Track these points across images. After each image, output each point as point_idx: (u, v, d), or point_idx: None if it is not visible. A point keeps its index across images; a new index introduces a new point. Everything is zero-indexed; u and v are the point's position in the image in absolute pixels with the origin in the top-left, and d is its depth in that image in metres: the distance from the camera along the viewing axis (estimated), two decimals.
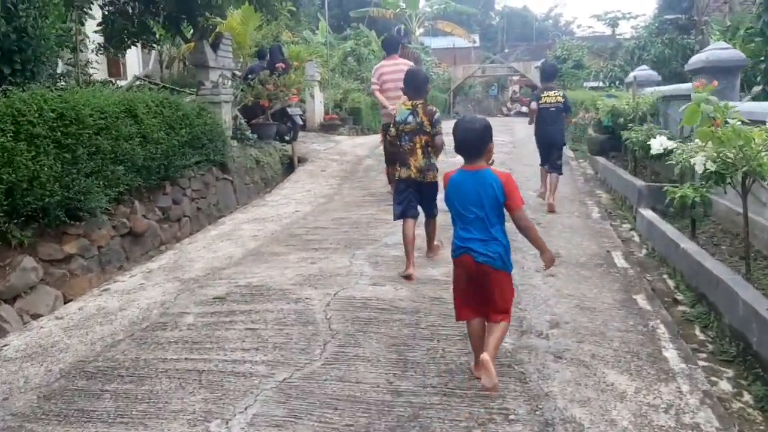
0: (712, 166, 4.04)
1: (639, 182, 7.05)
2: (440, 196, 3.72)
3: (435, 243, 5.40)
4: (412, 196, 4.99)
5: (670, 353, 3.57)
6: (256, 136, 10.11)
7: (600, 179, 9.40)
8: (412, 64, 8.04)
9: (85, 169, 5.36)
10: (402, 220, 4.96)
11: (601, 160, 9.80)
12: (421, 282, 4.68)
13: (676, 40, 19.45)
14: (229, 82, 9.70)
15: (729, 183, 4.17)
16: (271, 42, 15.33)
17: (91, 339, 3.89)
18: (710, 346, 3.87)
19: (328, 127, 15.36)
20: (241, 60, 17.16)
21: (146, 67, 19.57)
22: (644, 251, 5.87)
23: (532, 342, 3.67)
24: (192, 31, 10.82)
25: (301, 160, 10.54)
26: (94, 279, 5.40)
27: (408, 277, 4.75)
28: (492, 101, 50.38)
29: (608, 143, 10.50)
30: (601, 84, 30.20)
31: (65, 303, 4.82)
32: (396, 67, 7.71)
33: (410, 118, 4.93)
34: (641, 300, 4.40)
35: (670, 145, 4.79)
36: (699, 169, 4.15)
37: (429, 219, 5.26)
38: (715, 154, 4.04)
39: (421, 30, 48.60)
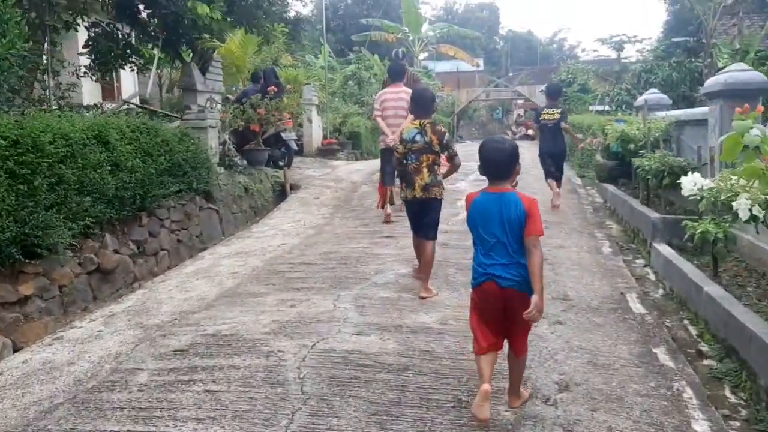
0: (760, 212, 3.45)
1: (653, 214, 6.52)
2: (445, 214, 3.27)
3: (430, 287, 4.96)
4: (416, 215, 5.05)
5: (701, 426, 3.01)
6: (246, 162, 9.64)
7: (609, 208, 8.87)
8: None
9: (44, 201, 4.88)
10: (413, 233, 5.13)
11: (610, 188, 9.28)
12: (411, 330, 4.14)
13: (684, 63, 19.05)
14: (218, 106, 9.26)
15: None
16: (270, 65, 14.96)
17: (26, 402, 3.36)
18: (743, 412, 3.31)
19: (325, 152, 14.91)
20: (240, 84, 16.84)
21: (144, 90, 19.25)
22: (661, 291, 5.32)
23: (538, 410, 3.11)
24: (191, 54, 10.56)
25: (294, 187, 10.06)
26: (52, 323, 4.87)
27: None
28: (496, 125, 50.17)
29: (617, 170, 9.99)
30: (607, 108, 29.85)
31: (14, 352, 4.31)
32: (398, 95, 7.86)
33: (418, 137, 4.90)
34: (662, 354, 3.84)
35: (707, 184, 4.21)
36: (743, 215, 3.53)
37: (426, 240, 4.99)
38: (763, 197, 3.45)
39: (425, 54, 48.61)
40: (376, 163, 13.75)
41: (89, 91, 12.49)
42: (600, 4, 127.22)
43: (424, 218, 4.97)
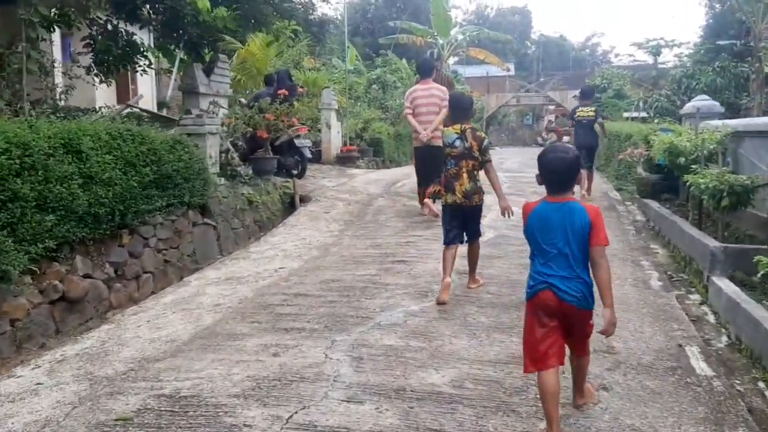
0: None
1: (711, 242, 5.56)
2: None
3: (477, 276, 5.20)
4: (457, 222, 5.01)
5: None
6: (251, 171, 8.89)
7: (653, 229, 7.90)
8: (445, 89, 8.17)
9: None
10: (447, 243, 5.00)
11: (653, 205, 8.31)
12: (417, 397, 3.28)
13: (729, 68, 17.86)
14: (221, 111, 8.52)
15: None
16: (284, 67, 14.26)
17: None
18: None
19: (345, 160, 14.13)
20: (260, 87, 16.20)
21: (165, 93, 18.77)
22: (725, 339, 4.38)
23: None
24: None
25: (305, 199, 9.27)
26: None
27: (441, 303, 4.68)
28: (527, 131, 48.99)
29: (661, 184, 9.02)
30: (643, 114, 28.61)
31: None
32: (429, 92, 7.86)
33: (458, 142, 4.90)
34: None
35: None
36: None
37: (472, 241, 5.12)
38: None
39: (456, 58, 47.64)
40: (397, 173, 12.94)
41: (103, 94, 11.89)
42: (634, 9, 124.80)
43: (465, 225, 5.02)
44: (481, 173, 5.03)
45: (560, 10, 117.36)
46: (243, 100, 11.44)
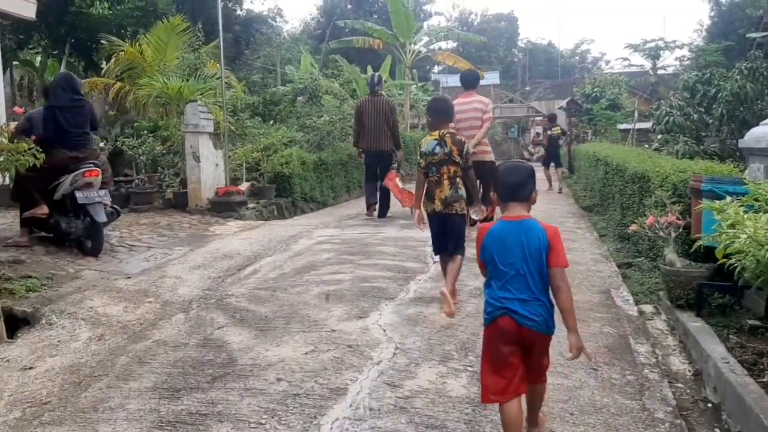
0: None
1: None
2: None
3: (454, 290, 4.78)
4: (438, 231, 4.96)
5: None
6: None
7: (714, 389, 3.48)
8: (488, 101, 8.43)
9: None
10: (439, 255, 5.08)
11: (716, 352, 3.88)
12: None
13: (761, 69, 13.50)
14: None
15: None
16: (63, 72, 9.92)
17: None
18: None
19: (222, 207, 9.66)
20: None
21: None
22: None
23: None
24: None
25: (27, 321, 4.76)
26: None
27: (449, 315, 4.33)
28: (512, 143, 44.82)
29: (714, 286, 4.66)
30: (642, 125, 24.25)
31: None
32: (471, 105, 8.12)
33: (437, 149, 4.87)
34: None
35: None
36: None
37: (453, 256, 4.86)
38: None
39: (442, 66, 43.31)
40: (296, 229, 8.49)
41: None
42: (624, 15, 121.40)
43: (446, 235, 4.92)
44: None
45: (548, 16, 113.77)
46: (11, 126, 6.99)
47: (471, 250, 3.79)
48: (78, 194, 6.36)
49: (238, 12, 19.21)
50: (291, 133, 12.64)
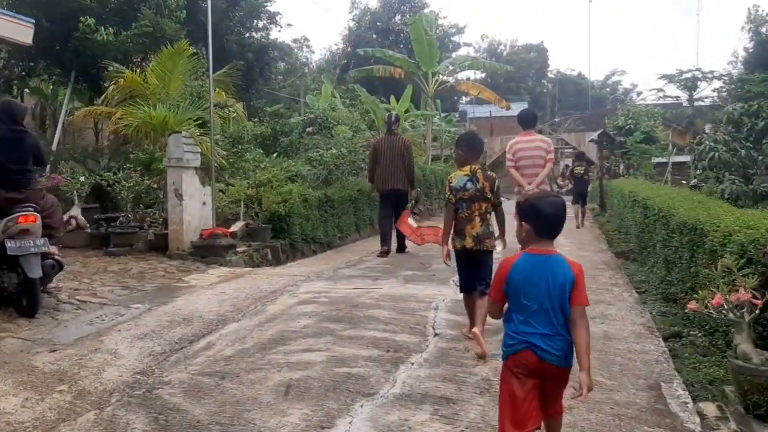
0: None
1: None
2: None
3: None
4: (467, 268, 4.91)
5: None
6: None
7: None
8: (549, 141, 8.25)
9: None
10: (464, 290, 4.98)
11: None
12: None
13: None
14: None
15: None
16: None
17: None
18: None
19: (207, 250, 8.56)
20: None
21: None
22: None
23: None
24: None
25: None
26: None
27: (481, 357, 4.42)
28: None
29: None
30: (680, 159, 22.74)
31: None
32: (533, 143, 7.89)
33: (469, 185, 4.83)
34: None
35: None
36: None
37: (482, 295, 4.67)
38: None
39: (469, 98, 42.33)
40: (282, 280, 7.31)
41: None
42: (655, 47, 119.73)
43: (475, 272, 4.86)
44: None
45: (578, 47, 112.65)
46: None
47: None
48: (9, 244, 5.31)
49: (253, 39, 18.35)
50: (297, 166, 11.56)
